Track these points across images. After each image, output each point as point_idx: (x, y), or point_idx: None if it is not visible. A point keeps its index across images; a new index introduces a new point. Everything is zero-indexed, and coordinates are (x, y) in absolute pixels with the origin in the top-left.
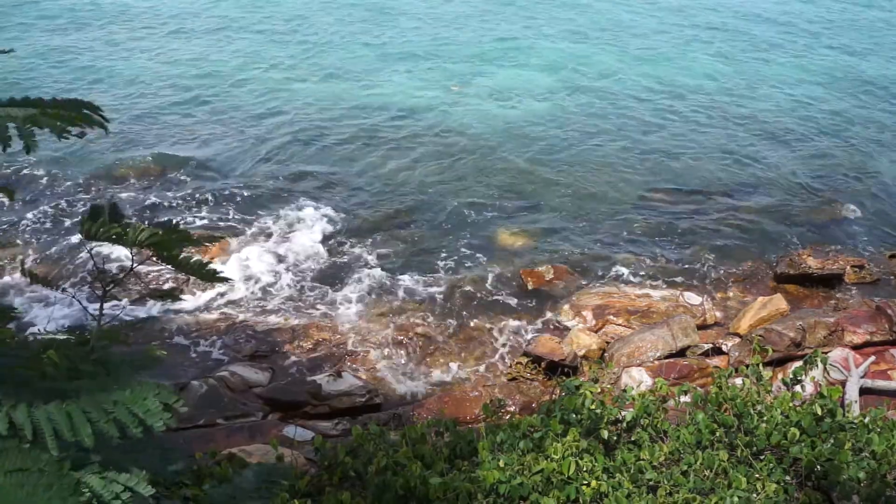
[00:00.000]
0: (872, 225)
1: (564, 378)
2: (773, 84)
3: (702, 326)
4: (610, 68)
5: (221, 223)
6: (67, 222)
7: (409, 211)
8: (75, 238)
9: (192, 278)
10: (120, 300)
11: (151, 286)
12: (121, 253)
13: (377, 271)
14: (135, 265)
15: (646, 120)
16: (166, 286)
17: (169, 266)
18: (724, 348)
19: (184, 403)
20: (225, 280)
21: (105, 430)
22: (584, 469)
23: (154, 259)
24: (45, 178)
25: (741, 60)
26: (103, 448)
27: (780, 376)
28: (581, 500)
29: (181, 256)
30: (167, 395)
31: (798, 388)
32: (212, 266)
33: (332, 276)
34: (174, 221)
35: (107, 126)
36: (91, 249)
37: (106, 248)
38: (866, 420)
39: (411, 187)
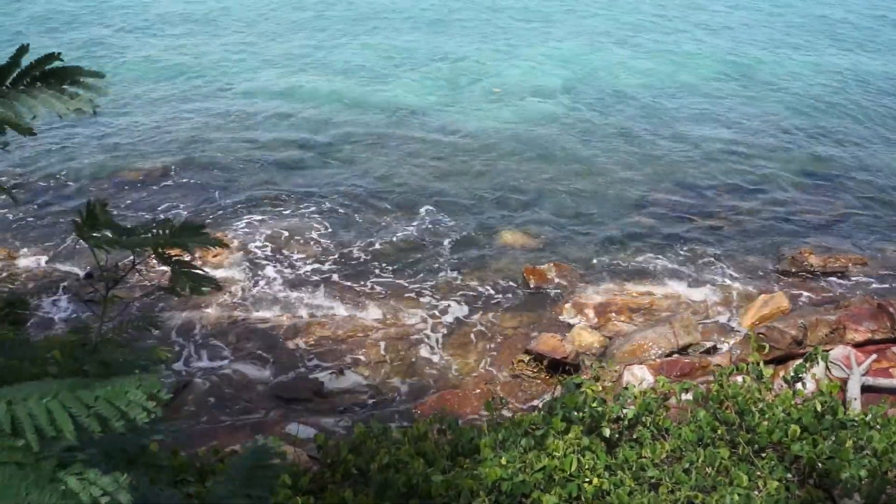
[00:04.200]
0: (874, 223)
1: (566, 376)
2: (775, 82)
3: (703, 324)
4: (612, 67)
5: (225, 222)
6: (69, 220)
7: (412, 210)
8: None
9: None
10: (123, 298)
11: (155, 283)
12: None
13: (379, 270)
14: (136, 264)
15: (648, 119)
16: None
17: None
18: (725, 346)
19: (168, 391)
20: (213, 282)
21: (87, 424)
22: (586, 466)
23: (150, 257)
24: (49, 177)
25: (743, 58)
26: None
27: (781, 374)
28: (583, 498)
29: (173, 257)
30: (151, 385)
31: (799, 385)
32: (200, 269)
33: (335, 274)
34: (185, 220)
35: (103, 89)
36: (93, 248)
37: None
38: (867, 418)
39: (414, 187)
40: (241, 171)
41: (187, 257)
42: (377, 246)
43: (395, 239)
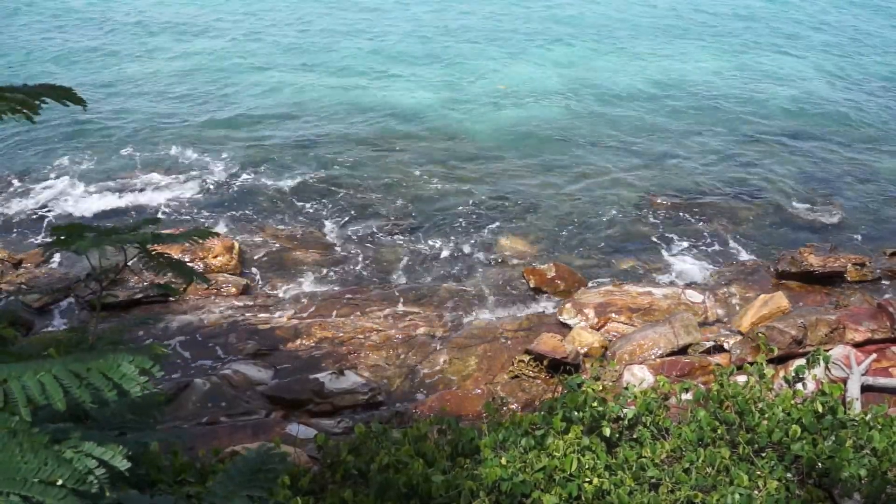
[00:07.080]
0: (873, 223)
1: (566, 376)
2: (773, 83)
3: (703, 324)
4: (610, 69)
5: (225, 223)
6: (66, 221)
7: (411, 212)
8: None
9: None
10: (118, 297)
11: (151, 282)
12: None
13: (379, 271)
14: (128, 262)
15: (646, 121)
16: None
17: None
18: (725, 346)
19: (158, 369)
20: (203, 279)
21: (78, 395)
22: (586, 466)
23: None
24: (48, 174)
25: (741, 60)
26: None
27: (781, 374)
28: (583, 498)
29: (161, 256)
30: (143, 360)
31: (800, 385)
32: (190, 265)
33: (335, 276)
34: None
35: (84, 103)
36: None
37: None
38: (867, 417)
39: (413, 189)
40: (239, 172)
41: (187, 258)
42: (377, 248)
43: (395, 241)
